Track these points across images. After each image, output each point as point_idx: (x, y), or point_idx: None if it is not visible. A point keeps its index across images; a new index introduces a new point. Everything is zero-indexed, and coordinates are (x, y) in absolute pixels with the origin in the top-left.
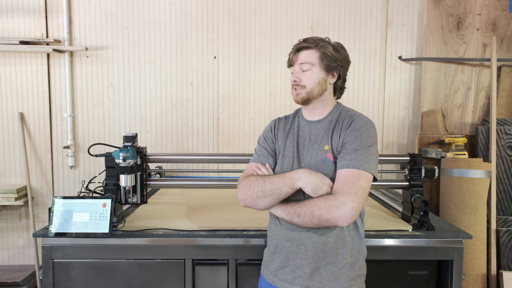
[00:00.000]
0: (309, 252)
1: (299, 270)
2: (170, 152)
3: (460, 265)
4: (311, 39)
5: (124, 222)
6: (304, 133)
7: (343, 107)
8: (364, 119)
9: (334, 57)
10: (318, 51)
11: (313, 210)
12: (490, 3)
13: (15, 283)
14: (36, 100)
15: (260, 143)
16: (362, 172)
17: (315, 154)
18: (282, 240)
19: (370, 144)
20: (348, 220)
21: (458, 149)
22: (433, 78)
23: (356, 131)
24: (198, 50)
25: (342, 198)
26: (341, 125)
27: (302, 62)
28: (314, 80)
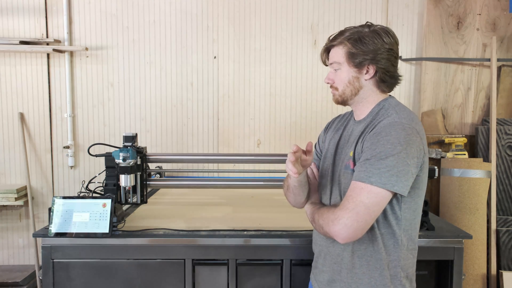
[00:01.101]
0: (327, 260)
1: (321, 275)
2: (170, 152)
3: (460, 265)
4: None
5: (124, 222)
6: (347, 134)
7: (386, 105)
8: (393, 120)
9: (360, 52)
10: (343, 48)
11: (319, 219)
12: (490, 3)
13: (15, 283)
14: (36, 100)
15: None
16: (367, 186)
17: (342, 159)
18: (314, 242)
19: (389, 154)
20: (344, 238)
21: (458, 149)
22: (433, 78)
23: (374, 137)
24: (198, 50)
25: (338, 212)
26: (370, 128)
27: (331, 62)
28: (344, 80)
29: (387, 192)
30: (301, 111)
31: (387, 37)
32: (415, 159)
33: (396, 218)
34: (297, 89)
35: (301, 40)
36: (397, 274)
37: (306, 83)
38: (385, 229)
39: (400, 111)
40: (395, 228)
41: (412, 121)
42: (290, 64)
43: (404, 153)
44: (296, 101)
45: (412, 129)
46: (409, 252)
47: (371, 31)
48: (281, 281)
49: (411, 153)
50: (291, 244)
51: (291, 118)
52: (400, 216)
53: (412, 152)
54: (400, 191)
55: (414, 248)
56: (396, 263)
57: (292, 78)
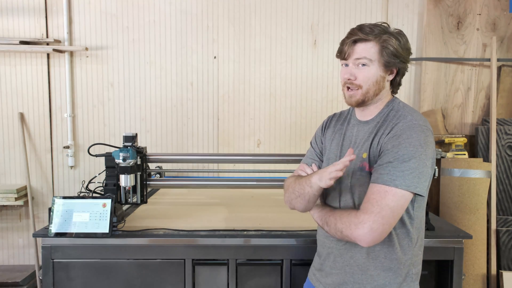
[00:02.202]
0: (337, 263)
1: (330, 278)
2: (170, 152)
3: (460, 265)
4: (369, 28)
5: (124, 222)
6: (351, 134)
7: (396, 105)
8: (411, 123)
9: (397, 52)
10: (378, 44)
11: (336, 222)
12: (490, 3)
13: (15, 283)
14: (36, 100)
15: (311, 142)
16: (391, 189)
17: (353, 162)
18: (319, 244)
19: (411, 156)
20: (368, 242)
21: (458, 149)
22: (433, 78)
23: (395, 139)
24: (198, 50)
25: (362, 216)
26: (384, 129)
27: (359, 57)
28: (371, 78)
29: (410, 194)
30: (301, 111)
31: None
32: (431, 159)
33: (410, 217)
34: (297, 89)
35: (301, 40)
36: (409, 271)
37: (306, 83)
38: (400, 229)
39: (413, 112)
40: (409, 227)
41: (426, 122)
42: (290, 64)
43: (424, 155)
44: (296, 101)
45: (428, 130)
46: (419, 249)
47: (397, 32)
48: (281, 281)
49: (429, 154)
50: (291, 244)
51: (291, 118)
52: (413, 215)
53: (429, 153)
54: (421, 192)
55: (422, 245)
56: (410, 261)
57: (292, 78)
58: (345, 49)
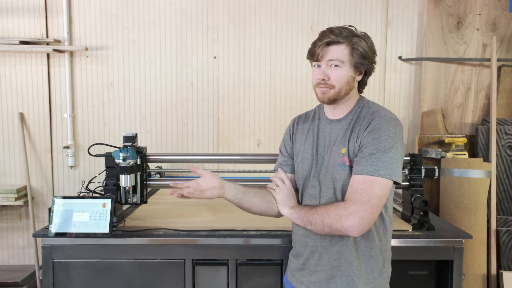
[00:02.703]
0: (323, 259)
1: (314, 275)
2: (170, 152)
3: (460, 265)
4: (339, 31)
5: (124, 222)
6: (324, 133)
7: (366, 103)
8: (385, 117)
9: (366, 54)
10: (349, 46)
11: (324, 218)
12: (490, 3)
13: (15, 283)
14: (36, 100)
15: (280, 147)
16: (377, 179)
17: (332, 158)
18: (300, 245)
19: (390, 146)
20: (359, 231)
21: (458, 149)
22: (433, 78)
23: (374, 132)
24: (198, 50)
25: (352, 207)
26: (360, 125)
27: (332, 58)
28: (343, 79)
29: (391, 182)
30: (301, 111)
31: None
32: (403, 150)
33: (385, 206)
34: (297, 89)
35: (301, 40)
36: (386, 257)
37: (306, 83)
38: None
39: (384, 109)
40: (384, 215)
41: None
42: (290, 64)
43: (399, 145)
44: (296, 101)
45: (399, 122)
46: (390, 235)
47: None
48: (281, 281)
49: (401, 144)
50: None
51: (291, 118)
52: (387, 203)
53: (402, 144)
54: (399, 180)
55: (392, 231)
56: (385, 247)
57: (292, 78)
58: (317, 51)
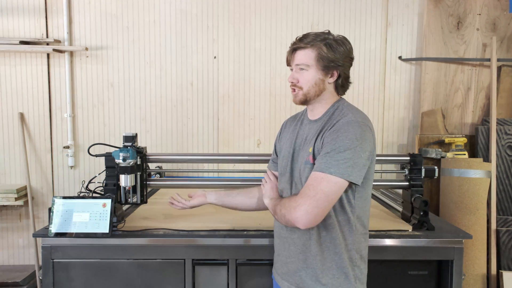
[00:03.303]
0: (292, 251)
1: (286, 267)
2: (170, 152)
3: (460, 265)
4: (306, 38)
5: (124, 222)
6: (303, 132)
7: (341, 105)
8: (350, 119)
9: (330, 58)
10: (314, 51)
11: (281, 208)
12: (490, 3)
13: (15, 283)
14: (36, 100)
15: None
16: (326, 176)
17: (301, 156)
18: (275, 236)
19: (346, 147)
20: (305, 224)
21: (458, 149)
22: (433, 78)
23: (334, 133)
24: (198, 50)
25: (300, 200)
26: (328, 126)
27: (298, 63)
28: (310, 81)
29: (344, 181)
30: None
31: (349, 45)
32: (368, 152)
33: (350, 206)
34: None
35: None
36: (353, 256)
37: None
38: (341, 217)
39: (355, 111)
40: (350, 215)
41: (366, 119)
42: None
43: (360, 148)
44: None
45: (366, 126)
46: (362, 236)
47: (335, 39)
48: None
49: (365, 147)
50: None
51: None
52: (354, 204)
53: (365, 146)
54: (355, 181)
55: (365, 233)
56: (351, 246)
57: None
58: (288, 57)
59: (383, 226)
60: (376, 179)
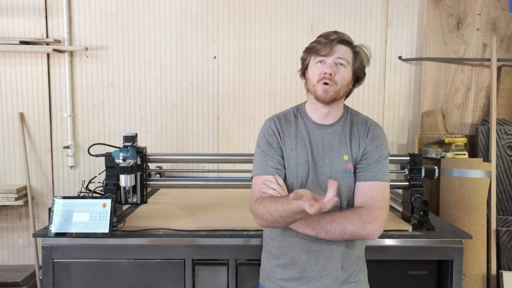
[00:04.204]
0: (330, 263)
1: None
2: (170, 152)
3: (460, 265)
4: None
5: (124, 222)
6: (316, 138)
7: (351, 110)
8: (378, 126)
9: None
10: (352, 51)
11: (346, 227)
12: (490, 3)
13: (15, 283)
14: (36, 100)
15: (263, 150)
16: (386, 184)
17: (334, 164)
18: (298, 252)
19: (387, 153)
20: (379, 234)
21: (458, 149)
22: (433, 78)
23: (376, 141)
24: (198, 50)
25: (375, 213)
26: (358, 133)
27: (341, 56)
28: (345, 79)
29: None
30: None
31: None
32: None
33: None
34: (297, 89)
35: (301, 40)
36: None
37: None
38: None
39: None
40: None
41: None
42: (290, 64)
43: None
44: (296, 101)
45: None
46: None
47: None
48: None
49: None
50: None
51: None
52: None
53: None
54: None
55: None
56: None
57: (292, 78)
58: (327, 47)
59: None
60: None
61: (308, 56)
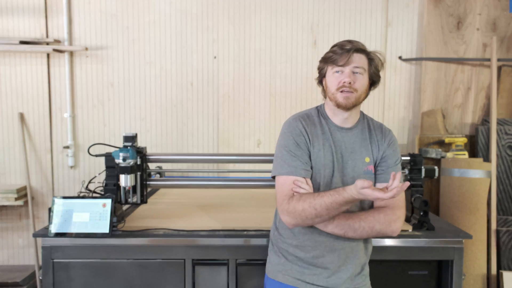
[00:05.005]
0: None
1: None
2: (170, 152)
3: (460, 265)
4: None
5: (124, 222)
6: (338, 140)
7: (364, 114)
8: (391, 131)
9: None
10: (367, 58)
11: (374, 225)
12: (490, 3)
13: (15, 283)
14: (36, 100)
15: (291, 150)
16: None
17: (357, 166)
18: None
19: (400, 156)
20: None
21: (458, 149)
22: (433, 78)
23: (393, 145)
24: (198, 50)
25: (398, 212)
26: (377, 137)
27: (358, 65)
28: (364, 86)
29: None
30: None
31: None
32: None
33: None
34: (297, 89)
35: (301, 40)
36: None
37: (306, 83)
38: None
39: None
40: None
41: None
42: (290, 64)
43: None
44: (296, 101)
45: None
46: None
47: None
48: None
49: None
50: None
51: None
52: None
53: None
54: None
55: None
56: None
57: (292, 78)
58: (344, 57)
59: None
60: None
61: (325, 65)
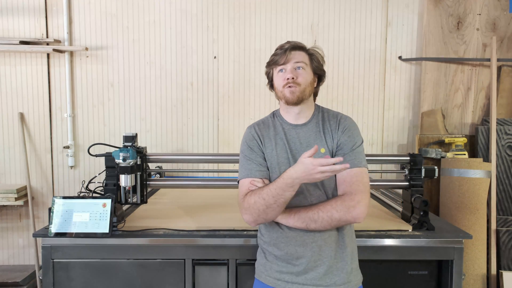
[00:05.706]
0: (324, 253)
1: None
2: (170, 152)
3: (460, 265)
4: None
5: (124, 222)
6: (293, 137)
7: (322, 108)
8: (349, 118)
9: (320, 62)
10: (307, 54)
11: (332, 214)
12: (490, 3)
13: (15, 283)
14: (36, 100)
15: (246, 155)
16: (363, 169)
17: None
18: (294, 246)
19: (361, 142)
20: (364, 217)
21: (458, 149)
22: (433, 78)
23: (348, 131)
24: (198, 50)
25: (357, 197)
26: (330, 127)
27: (298, 61)
28: (307, 79)
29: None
30: None
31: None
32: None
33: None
34: None
35: (301, 40)
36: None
37: None
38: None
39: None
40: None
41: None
42: None
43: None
44: None
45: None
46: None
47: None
48: None
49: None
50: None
51: None
52: None
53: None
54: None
55: None
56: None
57: None
58: (283, 56)
59: (383, 226)
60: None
61: (270, 69)
